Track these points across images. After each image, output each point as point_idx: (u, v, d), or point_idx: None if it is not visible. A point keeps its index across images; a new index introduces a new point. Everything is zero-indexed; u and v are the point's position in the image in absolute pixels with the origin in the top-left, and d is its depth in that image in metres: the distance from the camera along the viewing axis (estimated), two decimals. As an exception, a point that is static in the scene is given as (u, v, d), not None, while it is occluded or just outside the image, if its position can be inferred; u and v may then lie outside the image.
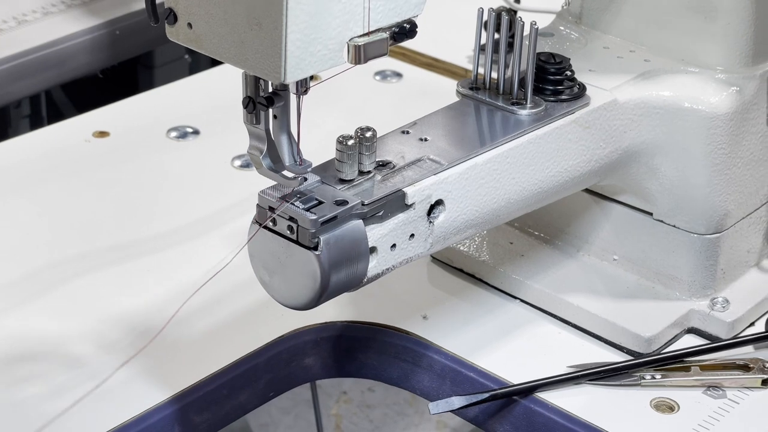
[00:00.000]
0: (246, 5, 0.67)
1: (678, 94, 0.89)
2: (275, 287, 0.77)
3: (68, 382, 0.88)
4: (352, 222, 0.75)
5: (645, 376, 0.88)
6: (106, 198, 1.10)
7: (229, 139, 1.17)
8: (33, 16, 1.41)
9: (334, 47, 0.69)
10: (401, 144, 0.81)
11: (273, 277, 0.76)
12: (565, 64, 0.88)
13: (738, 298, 0.93)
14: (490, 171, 0.82)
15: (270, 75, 0.68)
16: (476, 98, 0.87)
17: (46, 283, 0.98)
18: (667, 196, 0.91)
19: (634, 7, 0.94)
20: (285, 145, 0.74)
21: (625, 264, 0.96)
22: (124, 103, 1.27)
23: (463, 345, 0.92)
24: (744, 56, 0.90)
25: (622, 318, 0.92)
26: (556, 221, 0.98)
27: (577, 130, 0.87)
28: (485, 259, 0.98)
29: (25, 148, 1.19)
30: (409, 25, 0.72)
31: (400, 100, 1.27)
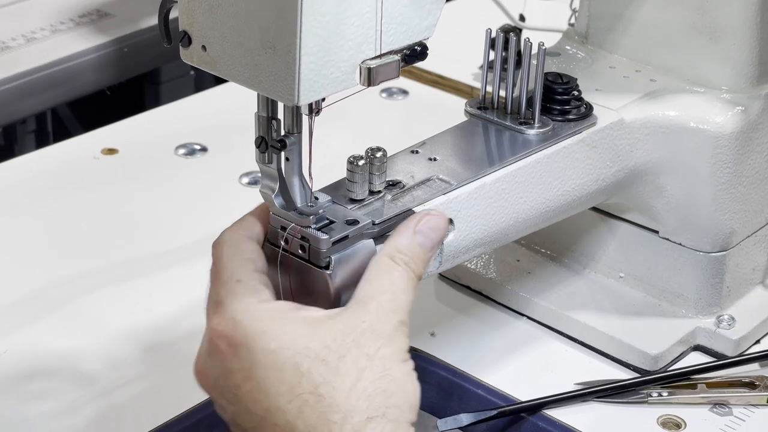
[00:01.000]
0: (260, 28, 0.68)
1: (684, 114, 0.90)
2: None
3: (79, 399, 0.89)
4: (363, 241, 0.75)
5: (652, 394, 0.89)
6: (115, 215, 1.10)
7: (237, 157, 1.18)
8: (41, 33, 1.42)
9: (347, 69, 0.70)
10: (411, 164, 0.82)
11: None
12: (572, 84, 0.89)
13: (744, 316, 0.94)
14: (499, 190, 0.82)
15: (283, 97, 0.69)
16: (484, 118, 0.88)
17: (55, 300, 0.99)
18: (673, 215, 0.92)
19: (640, 27, 0.95)
20: (297, 187, 0.74)
21: (631, 281, 0.96)
22: (133, 120, 1.27)
23: (471, 362, 0.92)
24: (749, 76, 0.91)
25: (629, 335, 0.92)
26: (562, 239, 0.99)
27: (584, 150, 0.87)
28: (492, 277, 0.99)
29: (35, 165, 1.19)
30: (420, 48, 0.73)
31: (406, 118, 1.28)
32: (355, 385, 0.68)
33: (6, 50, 1.38)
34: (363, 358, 0.69)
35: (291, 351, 0.69)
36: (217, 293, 0.73)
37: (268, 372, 0.69)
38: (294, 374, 0.69)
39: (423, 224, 0.75)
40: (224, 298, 0.72)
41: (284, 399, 0.69)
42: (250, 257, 0.74)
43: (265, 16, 0.68)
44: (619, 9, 0.95)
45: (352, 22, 0.69)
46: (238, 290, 0.72)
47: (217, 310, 0.72)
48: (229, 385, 0.70)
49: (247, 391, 0.70)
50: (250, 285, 0.72)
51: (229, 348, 0.70)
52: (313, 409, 0.68)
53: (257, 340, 0.70)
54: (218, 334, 0.71)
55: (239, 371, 0.70)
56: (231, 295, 0.72)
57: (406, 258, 0.74)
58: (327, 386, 0.68)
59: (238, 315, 0.71)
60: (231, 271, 0.73)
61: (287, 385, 0.69)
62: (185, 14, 0.71)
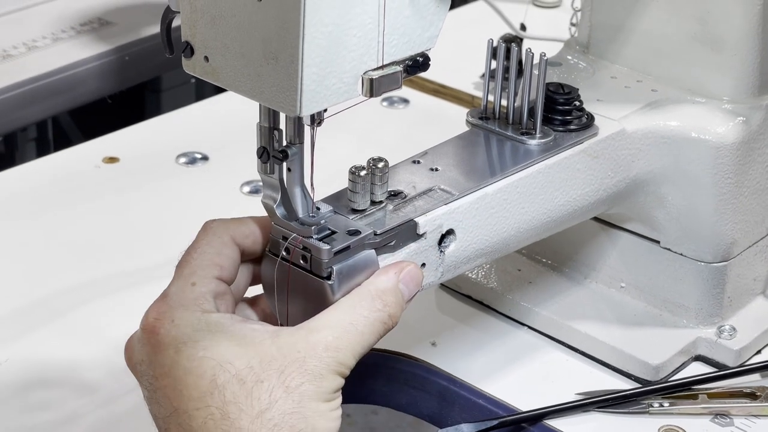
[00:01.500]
0: (262, 39, 0.68)
1: (685, 124, 0.90)
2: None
3: (80, 408, 0.89)
4: (365, 252, 0.75)
5: (653, 404, 0.89)
6: (116, 223, 1.11)
7: (238, 165, 1.18)
8: (43, 42, 1.42)
9: (349, 80, 0.70)
10: (412, 174, 0.82)
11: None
12: (574, 95, 0.89)
13: (745, 326, 0.94)
14: (501, 201, 0.82)
15: (286, 108, 0.69)
16: (486, 128, 0.88)
17: (56, 310, 0.99)
18: (674, 225, 0.92)
19: (641, 38, 0.95)
20: (299, 198, 0.74)
21: (632, 291, 0.96)
22: (134, 129, 1.28)
23: (472, 371, 0.92)
24: (750, 87, 0.91)
25: (630, 345, 0.92)
26: (564, 249, 0.99)
27: (585, 160, 0.87)
28: (493, 286, 0.99)
29: (37, 173, 1.19)
30: (422, 59, 0.73)
31: (407, 127, 1.28)
32: (263, 413, 0.68)
33: (7, 58, 1.39)
34: (280, 389, 0.68)
35: (214, 362, 0.69)
36: (171, 284, 0.74)
37: (186, 375, 0.69)
38: (210, 385, 0.69)
39: (405, 273, 0.75)
40: (172, 295, 0.73)
41: (193, 405, 0.69)
42: (220, 262, 0.74)
43: (268, 27, 0.68)
44: (621, 19, 0.95)
45: (354, 33, 0.69)
46: (187, 294, 0.72)
47: (160, 303, 0.73)
48: (148, 373, 0.72)
49: (162, 385, 0.71)
50: (201, 292, 0.73)
51: (157, 345, 0.71)
52: (216, 424, 0.68)
53: (187, 346, 0.70)
54: (151, 328, 0.72)
55: (160, 366, 0.71)
56: (179, 295, 0.72)
57: (386, 299, 0.73)
58: (234, 407, 0.68)
59: (177, 318, 0.71)
60: (194, 268, 0.74)
61: (200, 392, 0.69)
62: (188, 25, 0.71)
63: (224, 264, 0.75)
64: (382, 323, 0.73)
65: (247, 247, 0.76)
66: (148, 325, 0.72)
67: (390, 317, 0.73)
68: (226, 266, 0.75)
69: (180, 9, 0.72)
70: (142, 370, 0.72)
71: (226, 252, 0.75)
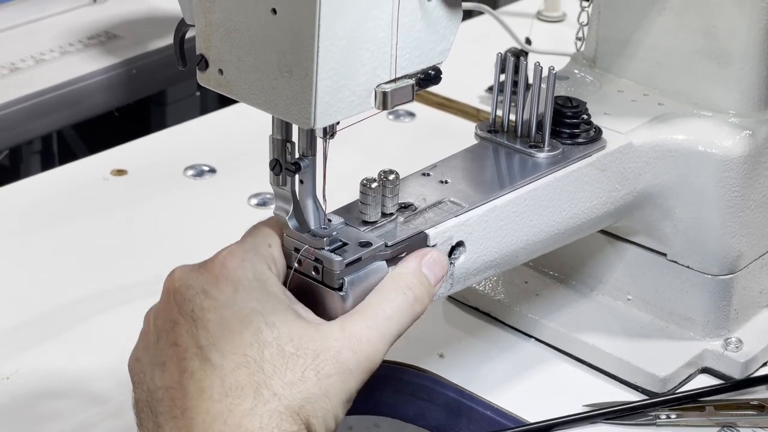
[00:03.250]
0: (277, 53, 0.69)
1: (692, 138, 0.91)
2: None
3: (90, 419, 0.89)
4: (376, 263, 0.76)
5: (660, 416, 0.89)
6: (124, 235, 1.11)
7: (246, 178, 1.18)
8: (51, 55, 1.43)
9: (362, 93, 0.71)
10: (422, 186, 0.83)
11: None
12: (582, 108, 0.90)
13: (751, 338, 0.95)
14: (510, 213, 0.83)
15: (299, 121, 0.70)
16: (495, 141, 0.88)
17: (65, 321, 1.00)
18: (681, 238, 0.93)
19: (647, 52, 0.96)
20: (311, 210, 0.75)
21: (639, 304, 0.97)
22: (142, 142, 1.28)
23: (479, 383, 0.93)
24: (757, 100, 0.92)
25: (637, 357, 0.93)
26: (570, 261, 0.99)
27: (593, 173, 0.88)
28: (501, 298, 0.99)
29: (45, 185, 1.20)
30: (434, 72, 0.74)
31: (413, 140, 1.29)
32: (295, 384, 0.69)
33: (15, 71, 1.39)
34: (313, 371, 0.70)
35: (262, 318, 0.70)
36: (248, 235, 0.75)
37: (234, 318, 0.70)
38: (252, 336, 0.70)
39: (427, 259, 0.77)
40: (249, 243, 0.74)
41: (231, 348, 0.70)
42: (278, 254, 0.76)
43: (282, 40, 0.68)
44: (627, 33, 0.96)
45: (367, 46, 0.70)
46: (263, 250, 0.74)
47: (236, 245, 0.74)
48: (195, 301, 0.71)
49: (206, 318, 0.71)
50: (274, 255, 0.74)
51: (221, 277, 0.72)
52: (250, 372, 0.69)
53: (245, 290, 0.71)
54: (222, 260, 0.73)
55: (212, 299, 0.71)
56: (256, 246, 0.74)
57: (409, 281, 0.75)
58: (270, 366, 0.69)
59: (247, 261, 0.73)
60: (272, 234, 0.75)
61: (242, 339, 0.70)
62: (202, 38, 0.72)
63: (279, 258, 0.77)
64: (410, 305, 0.74)
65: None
66: (219, 256, 0.73)
67: (417, 300, 0.75)
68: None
69: (194, 22, 0.73)
70: (190, 295, 0.72)
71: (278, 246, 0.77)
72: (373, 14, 0.69)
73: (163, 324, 0.72)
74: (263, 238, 0.75)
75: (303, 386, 0.69)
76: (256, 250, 0.74)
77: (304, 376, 0.70)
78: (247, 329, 0.70)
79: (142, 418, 0.72)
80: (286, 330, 0.70)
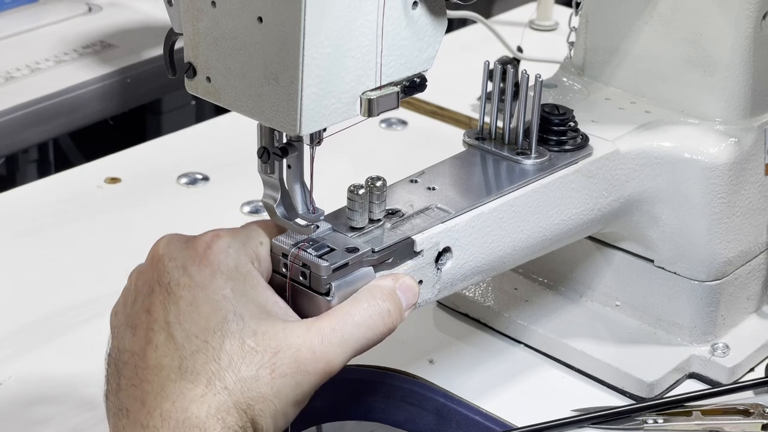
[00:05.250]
0: (263, 60, 0.70)
1: (678, 145, 0.92)
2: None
3: (82, 423, 0.90)
4: (363, 269, 0.77)
5: (647, 421, 0.90)
6: (117, 243, 1.12)
7: (239, 186, 1.19)
8: (46, 64, 1.44)
9: (348, 101, 0.72)
10: (410, 193, 0.84)
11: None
12: (569, 116, 0.90)
13: (738, 344, 0.95)
14: (496, 219, 0.84)
15: (286, 127, 0.71)
16: (482, 148, 0.89)
17: (59, 327, 1.00)
18: (668, 244, 0.93)
19: (635, 60, 0.96)
20: (298, 194, 0.76)
21: (627, 310, 0.98)
22: (135, 150, 1.29)
23: (469, 389, 0.93)
24: (742, 108, 0.93)
25: (625, 363, 0.93)
26: (559, 267, 1.00)
27: (580, 180, 0.89)
28: (490, 305, 1.00)
29: (39, 193, 1.21)
30: (419, 79, 0.75)
31: (405, 148, 1.29)
32: (246, 381, 0.70)
33: (10, 80, 1.40)
34: (268, 368, 0.71)
35: (231, 307, 0.72)
36: (240, 230, 0.76)
37: (205, 302, 0.72)
38: (218, 324, 0.71)
39: (401, 283, 0.77)
40: (241, 235, 0.75)
41: (195, 330, 0.71)
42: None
43: (269, 48, 0.69)
44: (615, 42, 0.97)
45: (353, 54, 0.71)
46: (253, 244, 0.76)
47: (227, 231, 0.75)
48: (174, 275, 0.73)
49: (180, 295, 0.72)
50: (262, 253, 0.76)
51: (203, 258, 0.73)
52: (206, 360, 0.70)
53: (222, 276, 0.73)
54: (209, 241, 0.74)
55: (189, 277, 0.73)
56: (246, 239, 0.75)
57: (383, 293, 0.75)
58: (227, 357, 0.71)
59: (233, 249, 0.74)
60: (266, 232, 0.76)
61: (207, 324, 0.71)
62: (190, 46, 0.73)
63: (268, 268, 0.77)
64: (380, 317, 0.75)
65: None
66: (207, 235, 0.74)
67: (388, 313, 0.75)
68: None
69: (183, 31, 0.73)
70: (170, 267, 0.73)
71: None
72: (358, 22, 0.70)
73: (141, 286, 0.75)
74: (257, 235, 0.76)
75: (254, 385, 0.70)
76: (245, 242, 0.75)
77: (258, 374, 0.71)
78: (214, 315, 0.71)
79: (110, 372, 0.75)
80: (252, 323, 0.72)
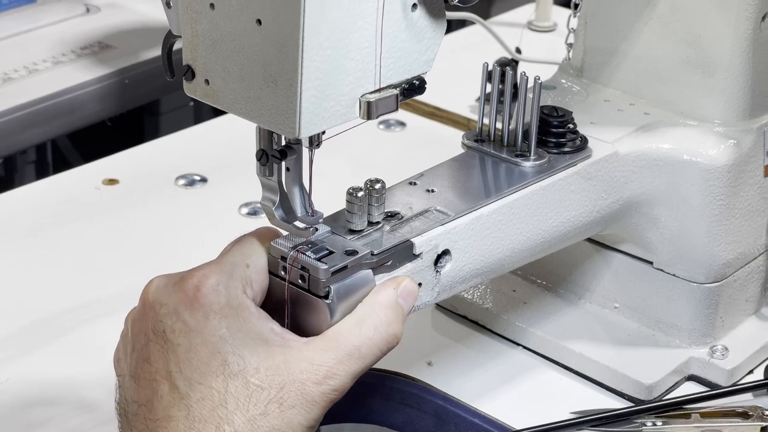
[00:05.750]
0: (262, 63, 0.69)
1: (677, 147, 0.91)
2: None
3: (80, 426, 0.90)
4: (362, 272, 0.77)
5: (646, 423, 0.89)
6: (115, 245, 1.12)
7: (237, 187, 1.19)
8: (44, 65, 1.44)
9: (347, 103, 0.72)
10: (409, 195, 0.83)
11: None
12: (568, 117, 0.90)
13: (737, 346, 0.95)
14: (495, 222, 0.84)
15: (284, 130, 0.70)
16: (481, 150, 0.89)
17: (57, 329, 1.00)
18: (667, 246, 0.93)
19: (634, 62, 0.96)
20: (297, 196, 0.76)
21: (625, 312, 0.97)
22: (133, 151, 1.29)
23: (467, 391, 0.93)
24: (742, 110, 0.93)
25: (624, 365, 0.93)
26: (558, 269, 1.00)
27: (579, 182, 0.89)
28: (489, 307, 1.00)
29: (37, 194, 1.20)
30: (418, 82, 0.75)
31: (404, 149, 1.29)
32: (256, 419, 0.70)
33: (8, 81, 1.40)
34: (276, 403, 0.70)
35: (230, 348, 0.71)
36: (226, 255, 0.75)
37: (202, 346, 0.71)
38: (219, 367, 0.71)
39: (402, 288, 0.77)
40: (227, 264, 0.74)
41: (197, 377, 0.70)
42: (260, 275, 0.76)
43: (268, 50, 0.69)
44: (614, 44, 0.97)
45: (352, 56, 0.71)
46: (240, 271, 0.74)
47: (213, 265, 0.74)
48: (167, 322, 0.72)
49: (175, 342, 0.72)
50: (250, 276, 0.74)
51: (193, 301, 0.72)
52: (213, 406, 0.70)
53: (216, 317, 0.72)
54: (196, 283, 0.73)
55: (183, 323, 0.72)
56: (234, 268, 0.74)
57: (389, 317, 0.75)
58: (233, 400, 0.70)
59: (222, 286, 0.73)
60: (252, 250, 0.75)
61: (208, 369, 0.71)
62: (189, 49, 0.73)
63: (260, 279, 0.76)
64: (386, 342, 0.74)
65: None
66: (195, 276, 0.73)
67: (394, 336, 0.75)
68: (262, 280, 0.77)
69: (181, 33, 0.73)
70: (163, 314, 0.72)
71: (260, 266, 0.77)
72: (357, 25, 0.70)
73: (137, 334, 0.74)
74: (242, 257, 0.75)
75: (264, 420, 0.70)
76: (232, 272, 0.74)
77: (267, 410, 0.70)
78: (214, 359, 0.71)
79: (121, 422, 0.74)
80: (253, 361, 0.71)
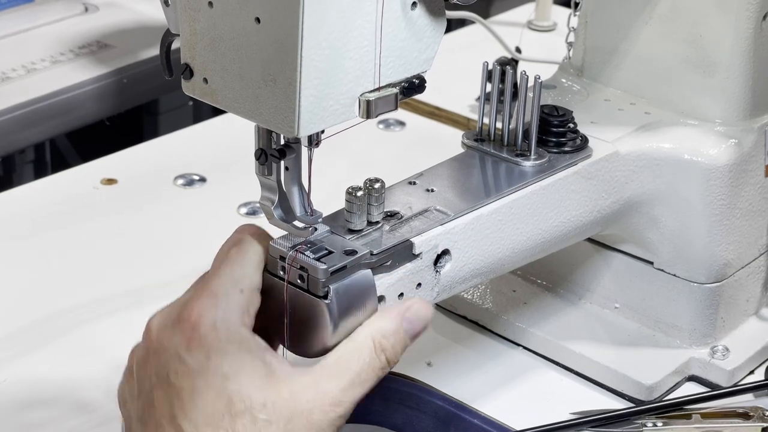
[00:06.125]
0: (261, 61, 0.69)
1: (678, 146, 0.91)
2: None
3: (78, 427, 0.89)
4: (361, 271, 0.76)
5: (647, 424, 0.89)
6: (114, 244, 1.11)
7: (236, 187, 1.19)
8: (42, 64, 1.44)
9: (346, 102, 0.71)
10: (408, 195, 0.83)
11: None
12: (568, 117, 0.90)
13: (738, 347, 0.95)
14: (495, 221, 0.83)
15: (283, 129, 0.70)
16: (481, 149, 0.89)
17: (55, 329, 1.00)
18: (668, 246, 0.93)
19: (634, 61, 0.96)
20: (296, 196, 0.75)
21: (626, 312, 0.97)
22: (132, 151, 1.28)
23: (467, 391, 0.93)
24: (742, 109, 0.92)
25: (624, 365, 0.93)
26: (558, 269, 1.00)
27: (579, 181, 0.88)
28: (489, 307, 1.00)
29: (35, 194, 1.20)
30: (418, 81, 0.74)
31: (403, 149, 1.29)
32: None
33: (6, 81, 1.40)
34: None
35: (235, 387, 0.70)
36: (218, 283, 0.73)
37: (206, 388, 0.70)
38: (225, 407, 0.70)
39: (412, 312, 0.76)
40: (221, 297, 0.72)
41: (204, 419, 0.69)
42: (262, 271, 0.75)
43: (267, 49, 0.69)
44: (614, 43, 0.97)
45: (351, 55, 0.70)
46: (234, 300, 0.72)
47: (206, 299, 0.72)
48: (170, 365, 0.71)
49: (179, 385, 0.70)
50: (246, 304, 0.73)
51: (193, 341, 0.71)
52: None
53: (218, 356, 0.70)
54: (194, 323, 0.71)
55: (185, 365, 0.71)
56: (227, 299, 0.72)
57: (386, 343, 0.74)
58: None
59: (219, 323, 0.71)
60: (245, 273, 0.74)
61: (214, 410, 0.70)
62: (187, 47, 0.72)
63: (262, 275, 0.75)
64: (381, 369, 0.74)
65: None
66: (191, 317, 0.71)
67: (389, 362, 0.74)
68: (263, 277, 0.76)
69: (180, 32, 0.73)
70: (165, 359, 0.71)
71: (263, 261, 0.76)
72: (357, 23, 0.70)
73: (142, 379, 0.73)
74: (233, 284, 0.73)
75: None
76: (227, 303, 0.72)
77: None
78: (219, 399, 0.70)
79: None
80: (259, 397, 0.70)
